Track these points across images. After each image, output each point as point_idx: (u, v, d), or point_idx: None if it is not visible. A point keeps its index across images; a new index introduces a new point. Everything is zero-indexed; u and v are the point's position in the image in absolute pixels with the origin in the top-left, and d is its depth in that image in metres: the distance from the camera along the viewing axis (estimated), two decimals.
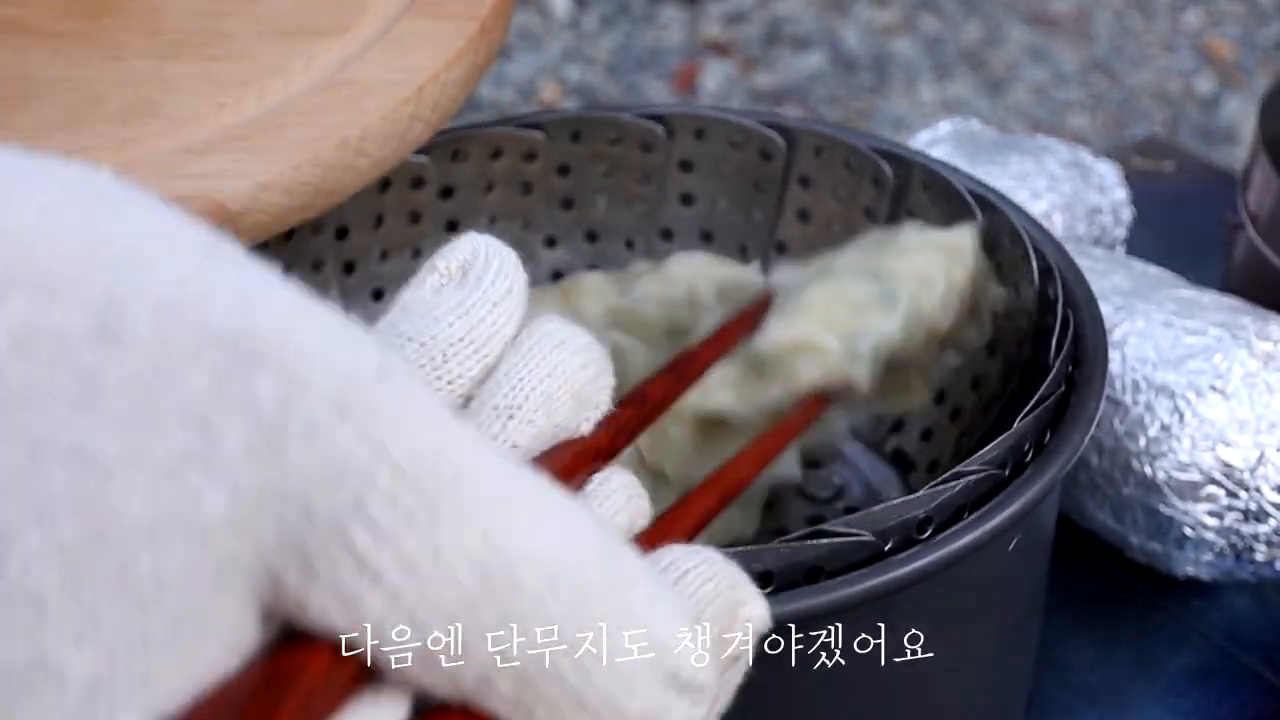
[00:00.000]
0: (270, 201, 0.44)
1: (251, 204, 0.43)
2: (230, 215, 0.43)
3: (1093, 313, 0.49)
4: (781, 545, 0.39)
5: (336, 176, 0.45)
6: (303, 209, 0.45)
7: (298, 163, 0.44)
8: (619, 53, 1.73)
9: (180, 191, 0.43)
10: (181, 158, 0.44)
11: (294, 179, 0.44)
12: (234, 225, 0.43)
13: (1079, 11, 1.81)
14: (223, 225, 0.43)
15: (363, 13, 0.50)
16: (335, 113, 0.46)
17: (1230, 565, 0.55)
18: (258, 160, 0.44)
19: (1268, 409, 0.53)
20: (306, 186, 0.44)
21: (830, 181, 0.61)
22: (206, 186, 0.43)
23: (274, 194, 0.44)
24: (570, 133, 0.62)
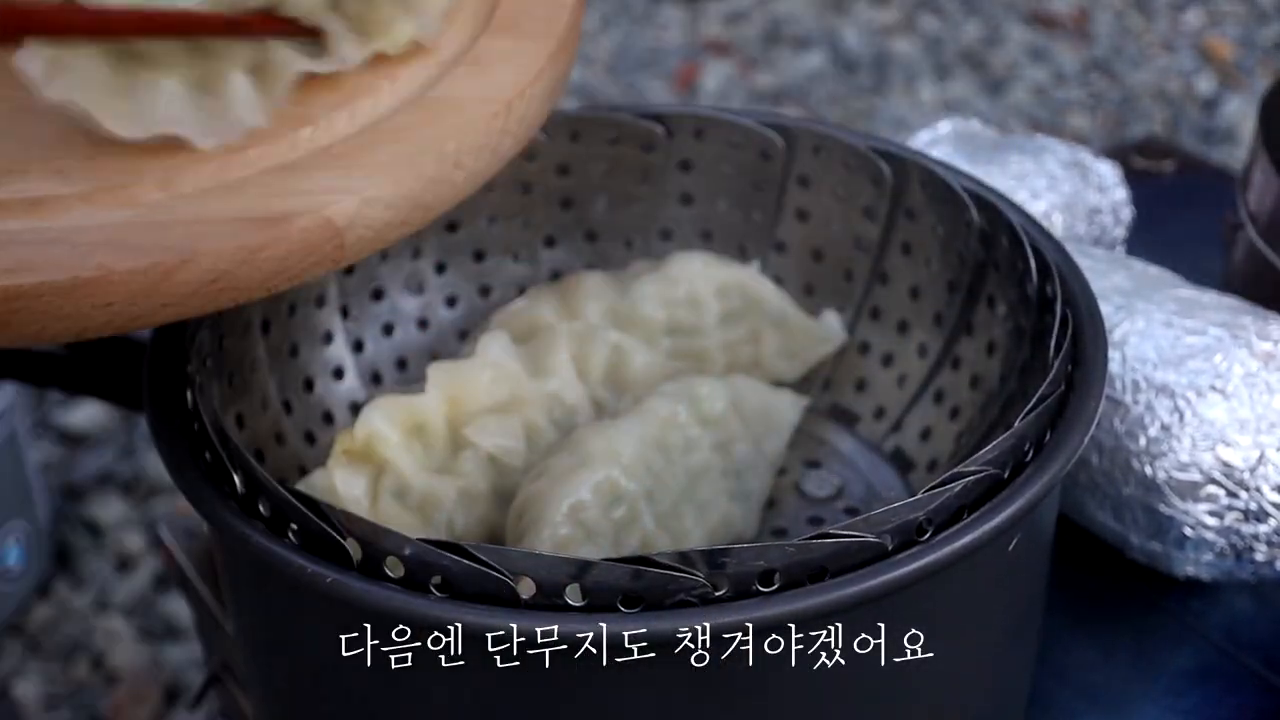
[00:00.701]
0: (374, 217, 0.44)
1: (356, 219, 0.44)
2: (336, 231, 0.44)
3: (1092, 312, 0.49)
4: (786, 545, 0.39)
5: (435, 190, 0.46)
6: (402, 224, 0.45)
7: (400, 177, 0.45)
8: (619, 53, 1.73)
9: (287, 208, 0.43)
10: (283, 175, 0.45)
11: (395, 193, 0.45)
12: (340, 241, 0.44)
13: (1079, 11, 1.81)
14: (330, 241, 0.43)
15: (442, 35, 0.51)
16: (428, 128, 0.47)
17: (1230, 565, 0.55)
18: (360, 175, 0.45)
19: (1268, 409, 0.53)
20: (407, 201, 0.45)
21: (829, 181, 0.61)
22: (315, 203, 0.43)
23: (377, 209, 0.44)
24: (570, 133, 0.62)
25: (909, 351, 0.60)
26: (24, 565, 1.04)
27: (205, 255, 0.42)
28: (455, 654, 0.41)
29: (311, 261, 0.44)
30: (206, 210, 0.43)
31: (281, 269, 0.43)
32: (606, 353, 0.57)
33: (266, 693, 0.50)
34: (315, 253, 0.44)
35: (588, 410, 0.56)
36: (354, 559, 0.40)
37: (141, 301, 0.41)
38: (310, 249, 0.43)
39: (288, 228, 0.43)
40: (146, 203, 0.44)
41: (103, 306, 0.41)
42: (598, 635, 0.38)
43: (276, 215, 0.43)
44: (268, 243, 0.43)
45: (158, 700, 1.00)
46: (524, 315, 0.60)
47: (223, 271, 0.42)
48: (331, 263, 0.44)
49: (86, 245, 0.42)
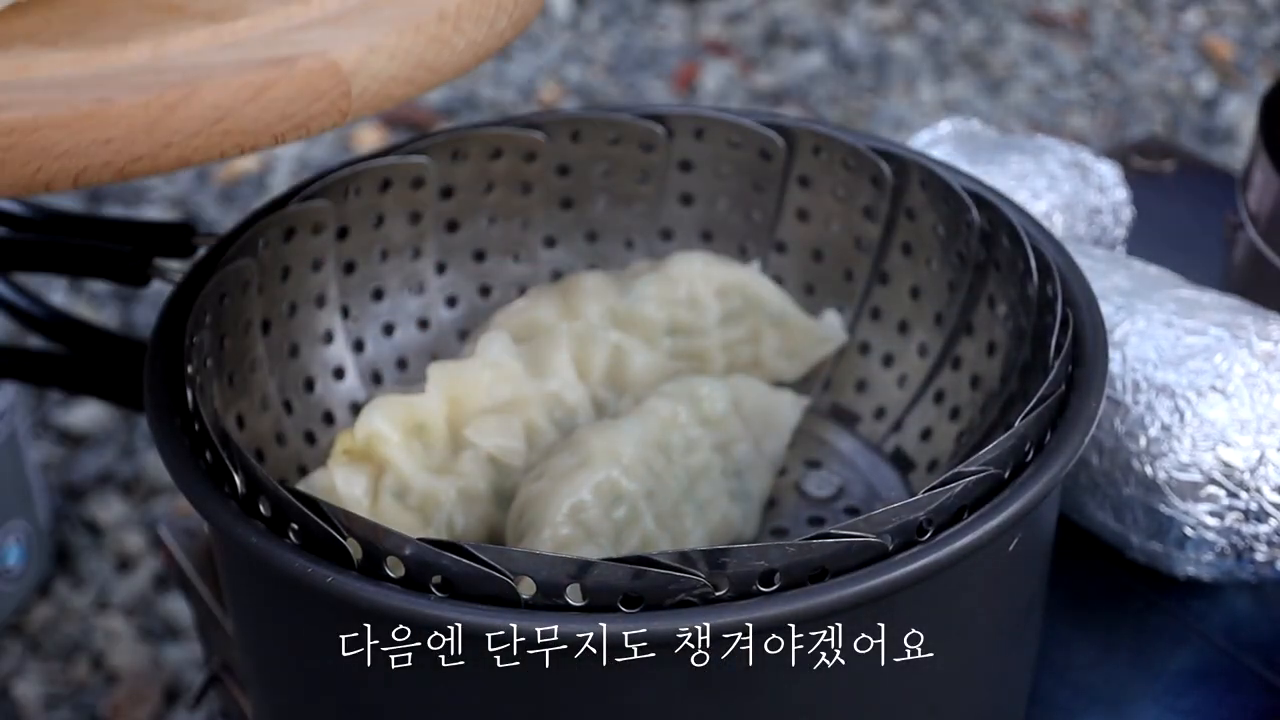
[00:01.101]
0: (378, 67, 0.44)
1: (362, 65, 0.43)
2: (342, 76, 0.43)
3: (1093, 312, 0.49)
4: (788, 545, 0.39)
5: (436, 51, 0.45)
6: (407, 80, 0.45)
7: (401, 29, 0.44)
8: (619, 53, 1.73)
9: (292, 51, 0.42)
10: (281, 33, 0.44)
11: (398, 45, 0.44)
12: (345, 88, 0.43)
13: (1079, 11, 1.81)
14: (335, 87, 0.43)
15: None
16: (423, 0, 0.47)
17: (1231, 565, 0.55)
18: (362, 29, 0.44)
19: (1268, 409, 0.53)
20: (410, 55, 0.45)
21: (829, 181, 0.61)
22: (319, 47, 0.43)
23: (381, 58, 0.44)
24: (570, 133, 0.62)
25: (909, 351, 0.60)
26: (24, 565, 1.04)
27: (209, 89, 0.40)
28: (455, 654, 0.41)
29: (319, 109, 0.43)
30: (205, 59, 0.42)
31: (287, 112, 0.42)
32: (607, 353, 0.57)
33: (266, 693, 0.50)
34: (322, 99, 0.43)
35: (588, 410, 0.56)
36: (354, 559, 0.40)
37: (143, 139, 0.40)
38: (316, 93, 0.42)
39: (292, 67, 0.42)
40: (140, 63, 0.42)
41: (103, 143, 0.39)
42: (598, 635, 0.38)
43: (280, 57, 0.42)
44: (272, 81, 0.41)
45: (158, 700, 1.00)
46: (524, 315, 0.60)
47: (227, 109, 0.41)
48: (340, 114, 0.43)
49: (85, 83, 0.40)
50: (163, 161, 0.40)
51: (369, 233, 0.59)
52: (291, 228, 0.56)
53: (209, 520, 0.43)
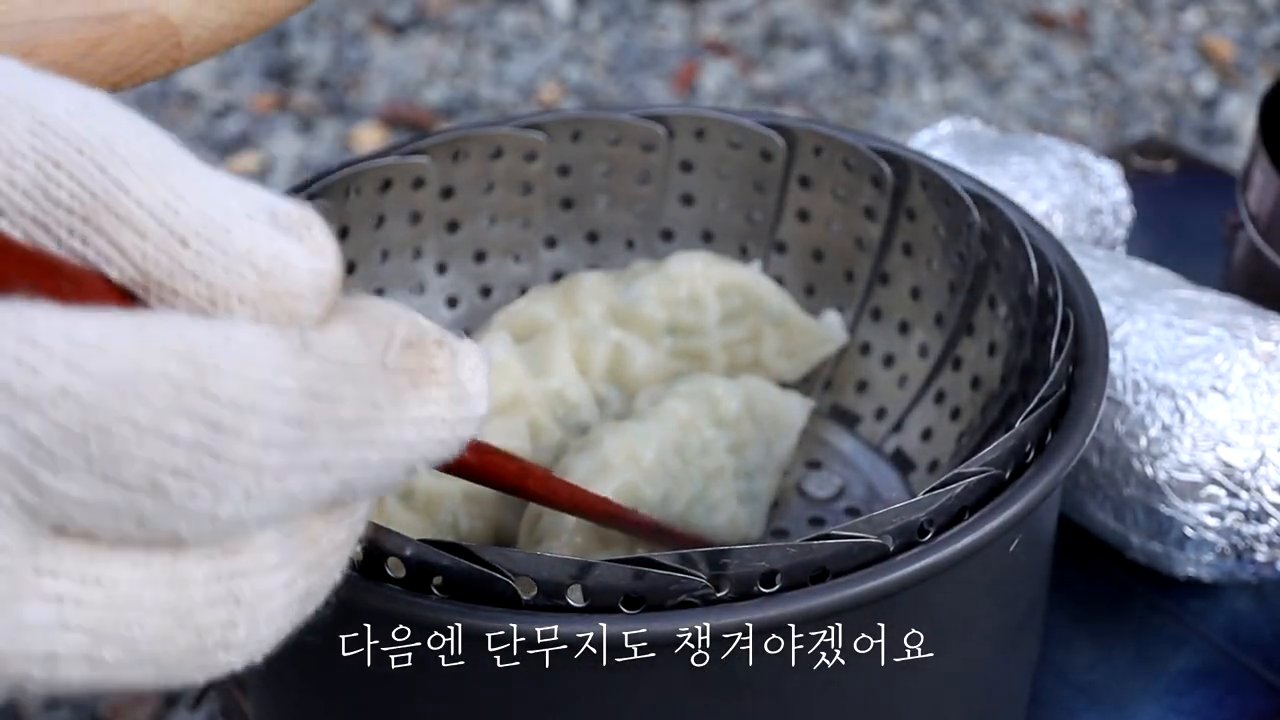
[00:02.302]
0: (208, 17, 0.46)
1: (191, 18, 0.46)
2: (173, 28, 0.45)
3: (1093, 312, 0.49)
4: (789, 546, 0.39)
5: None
6: (237, 28, 0.47)
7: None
8: (619, 53, 1.73)
9: (121, 8, 0.45)
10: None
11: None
12: (177, 39, 0.46)
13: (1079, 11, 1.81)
14: (167, 39, 0.45)
15: None
16: None
17: (1231, 566, 0.55)
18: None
19: (1269, 409, 0.53)
20: (240, 2, 0.47)
21: (830, 181, 0.61)
22: (149, 2, 0.45)
23: (209, 8, 0.46)
24: (570, 133, 0.62)
25: (910, 352, 0.60)
26: None
27: (46, 48, 0.44)
28: (455, 654, 0.41)
29: (151, 59, 0.46)
30: (41, 12, 0.45)
31: (121, 64, 0.45)
32: (608, 350, 0.57)
33: (266, 692, 0.50)
34: (154, 50, 0.45)
35: (591, 407, 0.56)
36: (356, 559, 0.40)
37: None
38: (149, 46, 0.45)
39: (124, 23, 0.45)
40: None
41: None
42: (598, 636, 0.38)
43: (113, 13, 0.45)
44: (106, 37, 0.44)
45: (158, 700, 1.00)
46: (525, 315, 0.60)
47: (65, 65, 0.44)
48: (172, 62, 0.46)
49: None
50: None
51: (369, 233, 0.59)
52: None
53: None
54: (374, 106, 1.62)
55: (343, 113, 1.61)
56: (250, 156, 1.51)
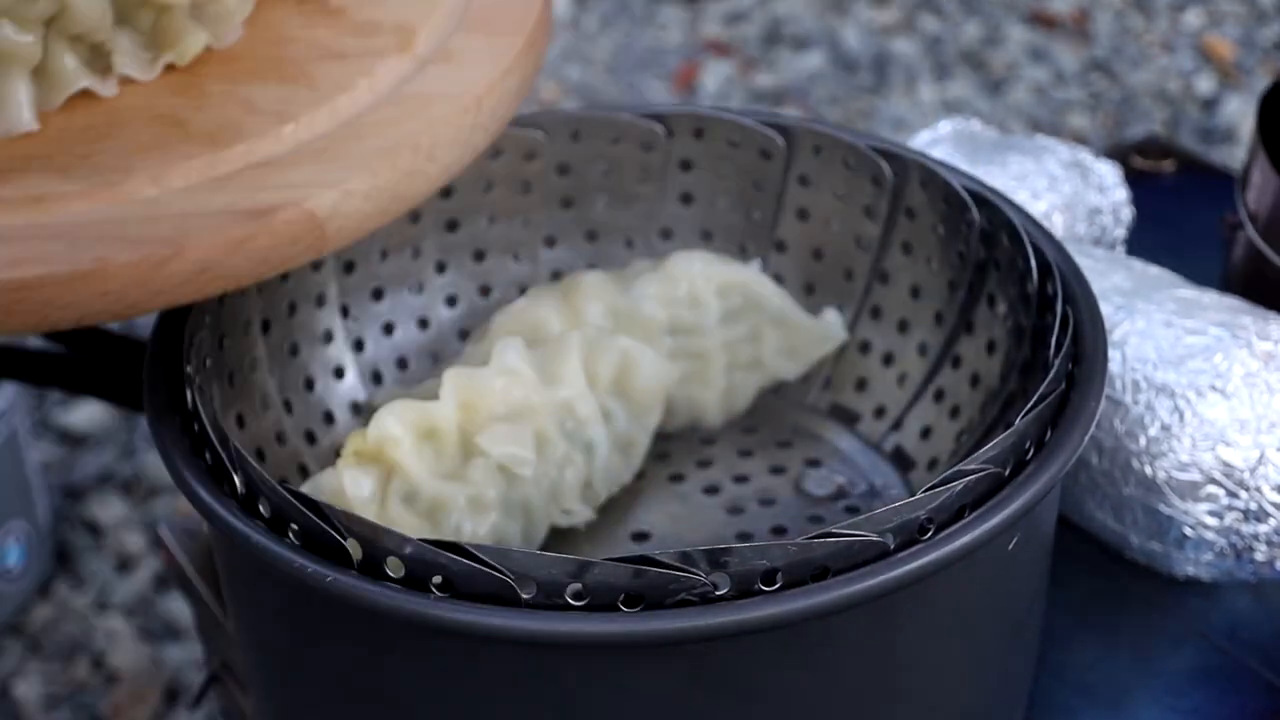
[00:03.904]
0: (353, 208, 0.47)
1: (335, 211, 0.46)
2: (318, 222, 0.46)
3: (1092, 311, 0.49)
4: (789, 544, 0.39)
5: (410, 182, 0.48)
6: (381, 214, 0.48)
7: (376, 169, 0.47)
8: (619, 53, 1.73)
9: (270, 202, 0.45)
10: (268, 170, 0.47)
11: (373, 185, 0.47)
12: (321, 231, 0.46)
13: (1079, 11, 1.81)
14: (311, 232, 0.46)
15: (415, 33, 0.54)
16: (405, 124, 0.49)
17: (1230, 565, 0.55)
18: (339, 169, 0.47)
19: (1268, 409, 0.53)
20: (384, 193, 0.48)
21: (829, 180, 0.61)
22: (295, 195, 0.46)
23: (356, 201, 0.47)
24: (570, 132, 0.62)
25: (909, 350, 0.60)
26: (24, 565, 1.04)
27: (194, 247, 0.44)
28: (455, 654, 0.41)
29: (295, 251, 0.46)
30: (195, 204, 0.46)
31: (267, 258, 0.45)
32: (615, 359, 0.57)
33: (266, 693, 0.50)
34: (299, 243, 0.46)
35: (599, 424, 0.56)
36: (354, 559, 0.40)
37: (135, 290, 0.44)
38: (294, 239, 0.46)
39: (271, 220, 0.45)
40: (139, 198, 0.46)
41: (100, 295, 0.43)
42: (598, 635, 0.38)
43: (261, 208, 0.45)
44: (253, 234, 0.45)
45: (158, 700, 1.00)
46: (525, 315, 0.60)
47: (212, 262, 0.44)
48: (314, 251, 0.47)
49: (84, 240, 0.44)
50: (154, 304, 0.45)
51: None
52: None
53: (209, 520, 0.43)
54: None
55: None
56: None
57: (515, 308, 0.61)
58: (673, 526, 0.57)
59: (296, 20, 0.55)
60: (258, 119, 0.49)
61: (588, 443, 0.55)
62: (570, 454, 0.55)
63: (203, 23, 0.52)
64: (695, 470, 0.60)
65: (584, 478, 0.55)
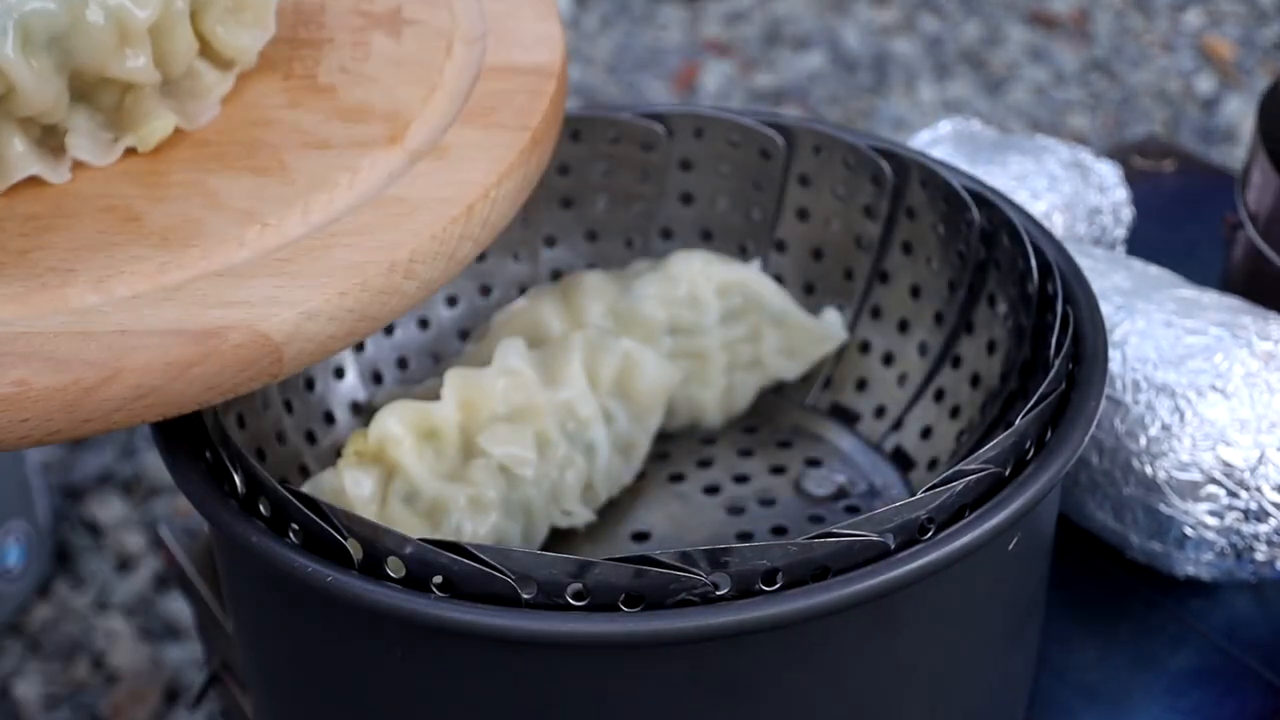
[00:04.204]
0: (315, 331, 0.41)
1: (295, 334, 0.41)
2: (273, 346, 0.41)
3: (1093, 311, 0.49)
4: (789, 544, 0.39)
5: (382, 301, 0.43)
6: (347, 335, 0.43)
7: (345, 289, 0.42)
8: (619, 53, 1.73)
9: (222, 322, 0.40)
10: (223, 282, 0.42)
11: (339, 306, 0.42)
12: (278, 356, 0.41)
13: (1079, 11, 1.81)
14: (266, 356, 0.41)
15: (409, 123, 0.48)
16: (383, 233, 0.44)
17: (1231, 565, 0.55)
18: (303, 286, 0.42)
19: (1268, 408, 0.53)
20: (351, 314, 0.42)
21: (829, 180, 0.61)
22: (250, 316, 0.41)
23: (319, 323, 0.41)
24: (570, 132, 0.62)
25: (909, 350, 0.60)
26: (24, 565, 1.04)
27: (131, 372, 0.39)
28: (455, 654, 0.41)
29: (246, 377, 0.41)
30: (137, 319, 0.40)
31: (214, 384, 0.40)
32: (617, 362, 0.57)
33: (266, 693, 0.50)
34: (251, 368, 0.41)
35: (600, 425, 0.56)
36: (354, 559, 0.40)
37: (59, 418, 0.39)
38: (244, 364, 0.41)
39: (220, 343, 0.40)
40: (78, 307, 0.41)
41: (19, 421, 0.38)
42: (598, 635, 0.38)
43: (211, 329, 0.40)
44: (199, 358, 0.40)
45: (158, 700, 1.00)
46: (525, 315, 0.60)
47: (151, 388, 0.39)
48: (269, 376, 0.41)
49: (6, 356, 0.39)
50: (81, 433, 0.39)
51: None
52: None
53: (209, 520, 0.43)
54: None
55: None
56: None
57: (515, 308, 0.61)
58: (673, 526, 0.57)
59: (280, 98, 0.49)
60: (221, 217, 0.44)
61: (589, 444, 0.55)
62: (571, 455, 0.55)
63: (175, 99, 0.47)
64: (695, 470, 0.60)
65: (585, 479, 0.55)
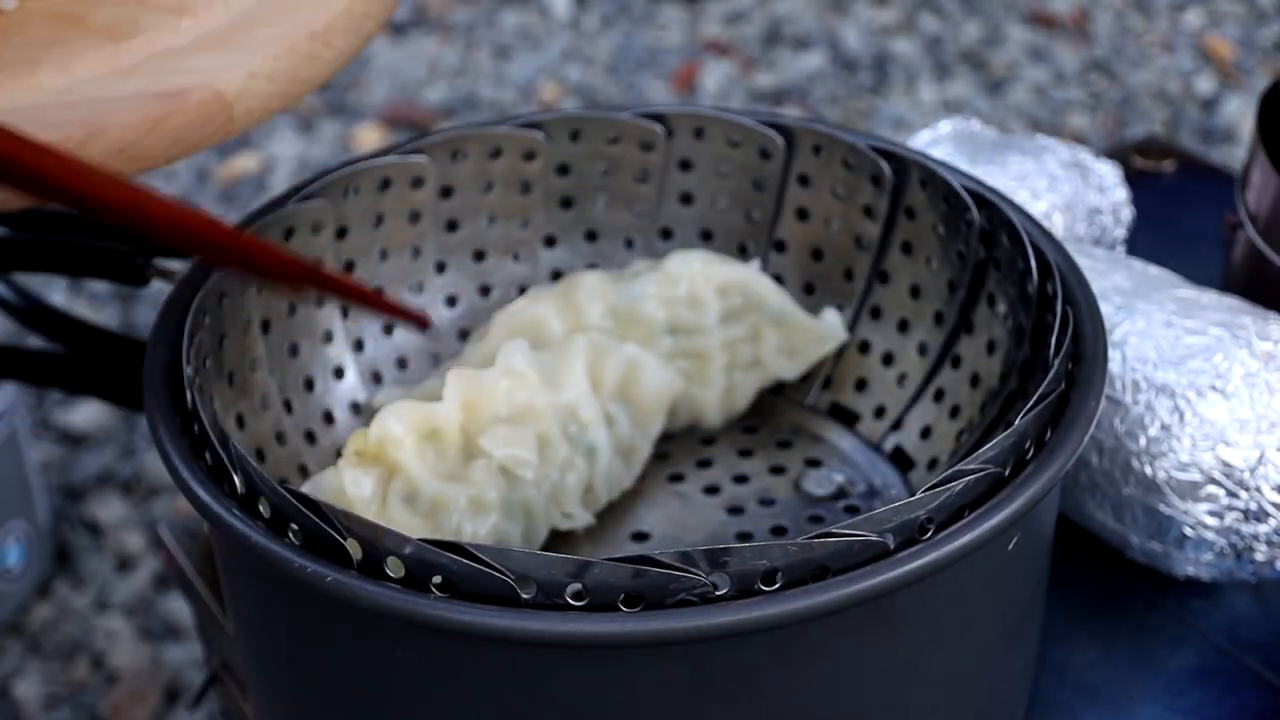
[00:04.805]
0: (258, 90, 0.50)
1: (243, 92, 0.49)
2: (226, 103, 0.49)
3: (1092, 311, 0.49)
4: (789, 544, 0.39)
5: (308, 66, 0.52)
6: (283, 96, 0.51)
7: (277, 53, 0.50)
8: (619, 53, 1.73)
9: (180, 85, 0.48)
10: (171, 59, 0.50)
11: (274, 68, 0.50)
12: (230, 113, 0.49)
13: (1079, 11, 1.81)
14: (222, 112, 0.48)
15: None
16: (298, 12, 0.52)
17: (1230, 565, 0.55)
18: (242, 54, 0.50)
19: (1268, 409, 0.53)
20: (285, 74, 0.51)
21: (829, 180, 0.61)
22: (204, 79, 0.49)
23: (260, 82, 0.50)
24: (570, 132, 0.62)
25: (909, 350, 0.60)
26: (24, 565, 1.04)
27: (112, 128, 0.46)
28: (455, 654, 0.41)
29: (206, 132, 0.49)
30: (106, 90, 0.48)
31: (180, 139, 0.48)
32: (621, 366, 0.57)
33: (266, 693, 0.50)
34: (210, 123, 0.49)
35: (601, 428, 0.56)
36: (354, 559, 0.40)
37: None
38: (205, 119, 0.48)
39: (184, 101, 0.48)
40: (50, 87, 0.48)
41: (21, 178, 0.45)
42: (598, 635, 0.38)
43: (173, 90, 0.48)
44: (168, 114, 0.47)
45: (158, 700, 1.00)
46: (525, 315, 0.60)
47: (129, 142, 0.46)
48: (223, 133, 0.49)
49: None
50: None
51: (368, 232, 0.59)
52: (291, 227, 0.56)
53: (209, 520, 0.43)
54: (374, 107, 1.62)
55: (343, 113, 1.61)
56: (251, 157, 1.51)
57: (515, 308, 0.61)
58: (673, 527, 0.57)
59: None
60: (154, 13, 0.52)
61: (590, 447, 0.55)
62: (572, 457, 0.55)
63: None
64: (695, 470, 0.60)
65: (585, 481, 0.55)
